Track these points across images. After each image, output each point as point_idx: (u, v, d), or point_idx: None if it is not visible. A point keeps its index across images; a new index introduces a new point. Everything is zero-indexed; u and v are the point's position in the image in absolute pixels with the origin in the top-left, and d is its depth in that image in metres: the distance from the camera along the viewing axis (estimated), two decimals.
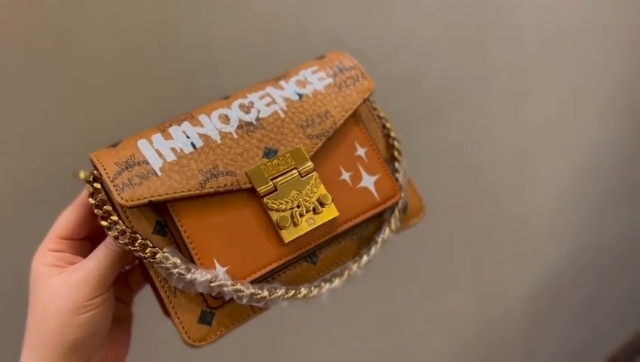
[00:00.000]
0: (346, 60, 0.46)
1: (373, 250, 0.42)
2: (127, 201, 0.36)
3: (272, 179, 0.39)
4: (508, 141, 0.81)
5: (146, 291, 0.47)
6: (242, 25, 0.54)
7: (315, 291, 0.40)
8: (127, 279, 0.47)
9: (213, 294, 0.37)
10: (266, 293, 0.38)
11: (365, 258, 0.42)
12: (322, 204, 0.40)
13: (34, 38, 0.44)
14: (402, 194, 0.44)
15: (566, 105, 0.91)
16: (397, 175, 0.45)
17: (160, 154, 0.39)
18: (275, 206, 0.39)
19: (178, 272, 0.36)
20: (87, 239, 0.42)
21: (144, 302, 0.48)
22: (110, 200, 0.39)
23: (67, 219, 0.41)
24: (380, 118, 0.47)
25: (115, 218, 0.38)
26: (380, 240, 0.43)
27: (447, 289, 0.85)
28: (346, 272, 0.41)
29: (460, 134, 0.73)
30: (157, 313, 0.46)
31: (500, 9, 0.73)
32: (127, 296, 0.46)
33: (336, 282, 0.41)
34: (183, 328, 0.38)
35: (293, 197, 0.40)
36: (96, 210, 0.38)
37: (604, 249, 1.20)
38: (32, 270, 0.40)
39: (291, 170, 0.40)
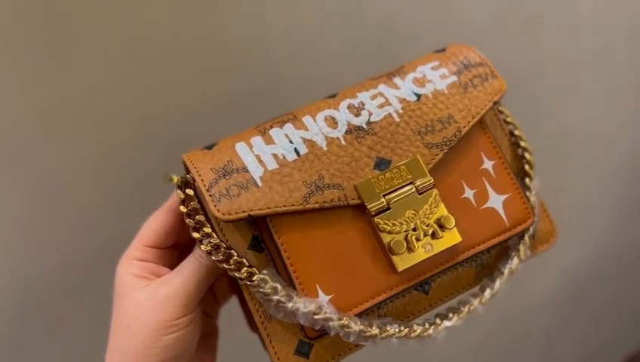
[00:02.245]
0: (472, 55, 0.39)
1: (497, 283, 0.36)
2: (224, 215, 0.32)
3: (384, 196, 0.34)
4: (548, 136, 0.76)
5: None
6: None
7: (430, 330, 0.34)
8: (212, 290, 0.43)
9: (316, 328, 0.32)
10: (376, 331, 0.32)
11: (488, 291, 0.36)
12: (442, 228, 0.34)
13: (113, 38, 0.41)
14: (535, 218, 0.37)
15: (611, 102, 0.86)
16: (528, 193, 0.38)
17: (260, 161, 0.34)
18: (388, 227, 0.33)
19: (278, 300, 0.32)
20: (174, 247, 0.39)
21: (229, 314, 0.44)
22: (203, 208, 0.35)
23: (154, 225, 0.37)
24: (506, 122, 0.41)
25: (208, 230, 0.34)
26: (506, 271, 0.36)
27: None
28: (466, 308, 0.35)
29: None
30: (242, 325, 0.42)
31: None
32: (212, 309, 0.43)
33: (455, 319, 0.35)
34: (279, 359, 0.34)
35: (408, 217, 0.34)
36: (187, 220, 0.34)
37: (629, 250, 1.17)
38: (116, 278, 0.36)
39: (407, 184, 0.34)
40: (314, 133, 0.35)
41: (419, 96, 0.37)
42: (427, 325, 0.34)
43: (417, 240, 0.34)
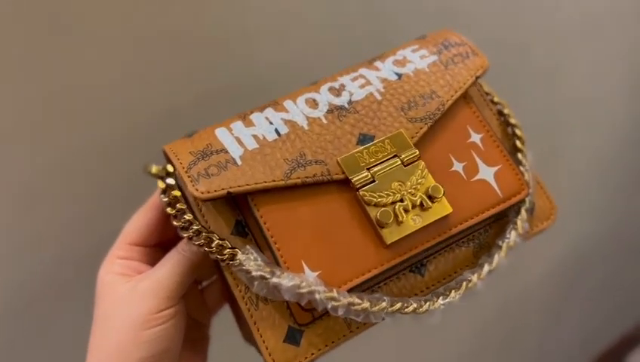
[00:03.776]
0: (452, 37, 0.39)
1: (496, 258, 0.34)
2: (202, 193, 0.31)
3: (368, 169, 0.33)
4: (536, 116, 0.75)
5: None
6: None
7: (426, 306, 0.32)
8: (204, 296, 0.41)
9: (303, 303, 0.30)
10: (366, 304, 0.30)
11: (487, 267, 0.34)
12: (432, 198, 0.33)
13: (102, 29, 0.41)
14: (530, 190, 0.36)
15: (597, 82, 0.86)
16: (522, 168, 0.37)
17: (240, 142, 0.33)
18: (374, 200, 0.32)
19: (261, 275, 0.30)
20: (159, 246, 0.38)
21: (222, 323, 0.42)
22: (185, 197, 0.34)
23: (137, 222, 0.36)
24: (494, 103, 0.40)
25: (189, 216, 0.33)
26: (504, 245, 0.35)
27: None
28: (464, 284, 0.33)
29: None
30: (237, 337, 0.40)
31: None
32: (203, 316, 0.41)
33: (452, 295, 0.33)
34: (267, 348, 0.32)
35: (395, 189, 0.33)
36: (168, 208, 0.33)
37: (627, 228, 1.19)
38: (97, 281, 0.35)
39: (392, 157, 0.33)
40: (294, 114, 0.35)
41: (400, 75, 0.37)
42: (423, 302, 0.32)
43: (406, 211, 0.32)
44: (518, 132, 0.38)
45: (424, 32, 0.41)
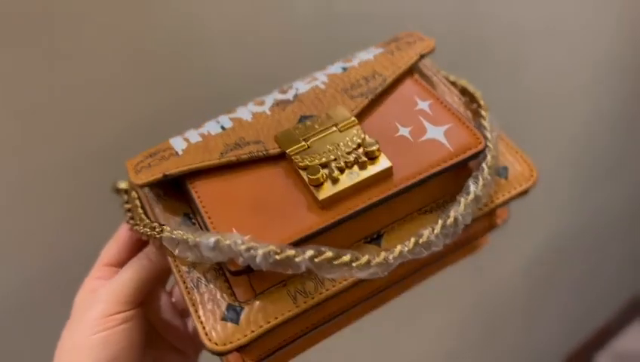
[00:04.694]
0: (402, 32, 0.40)
1: (452, 213, 0.30)
2: (141, 179, 0.32)
3: (304, 140, 0.32)
4: (501, 107, 0.69)
5: None
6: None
7: (364, 258, 0.28)
8: (188, 328, 0.40)
9: (223, 259, 0.28)
10: (310, 252, 0.28)
11: (440, 222, 0.30)
12: (369, 156, 0.31)
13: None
14: (489, 145, 0.33)
15: (563, 72, 0.87)
16: (485, 132, 0.34)
17: (186, 140, 0.35)
18: (306, 162, 0.31)
19: (184, 239, 0.29)
20: None
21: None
22: (143, 206, 0.35)
23: (112, 245, 0.38)
24: (450, 82, 0.39)
25: (141, 212, 0.34)
26: (462, 199, 0.31)
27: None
28: (426, 231, 0.30)
29: None
30: None
31: None
32: (188, 347, 0.39)
33: (411, 244, 0.29)
34: (204, 328, 0.29)
35: (328, 150, 0.32)
36: (126, 213, 0.35)
37: (603, 216, 1.23)
38: (73, 305, 0.36)
39: (329, 127, 0.33)
40: (242, 113, 0.36)
41: (346, 68, 0.38)
42: (361, 255, 0.29)
43: (341, 170, 0.31)
44: (477, 95, 0.36)
45: (387, 37, 0.42)
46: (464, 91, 0.38)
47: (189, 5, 0.44)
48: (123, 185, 0.37)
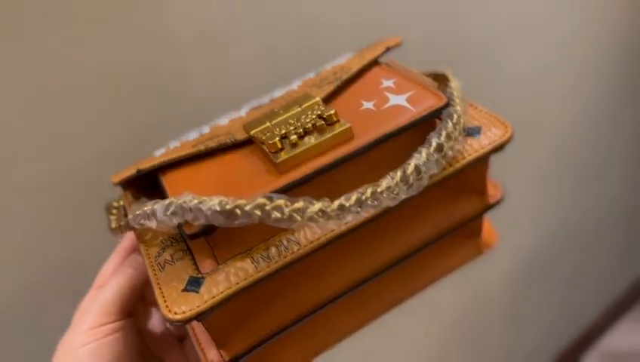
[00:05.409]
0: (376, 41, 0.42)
1: (413, 160, 0.29)
2: (117, 178, 0.34)
3: (269, 122, 0.33)
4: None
5: None
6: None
7: (317, 205, 0.27)
8: (185, 351, 0.38)
9: (179, 221, 0.28)
10: (240, 201, 0.27)
11: (399, 171, 0.29)
12: (328, 121, 0.31)
13: None
14: (452, 104, 0.32)
15: (548, 72, 0.88)
16: (448, 94, 0.34)
17: (166, 146, 0.37)
18: (268, 135, 0.31)
19: (144, 211, 0.29)
20: None
21: None
22: (126, 210, 0.36)
23: (106, 269, 0.38)
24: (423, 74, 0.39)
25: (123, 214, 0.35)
26: (424, 149, 0.29)
27: None
28: (370, 188, 0.28)
29: None
30: None
31: None
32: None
33: (355, 197, 0.28)
34: (165, 301, 0.28)
35: (288, 123, 0.32)
36: (113, 224, 0.36)
37: (589, 216, 1.23)
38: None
39: (293, 108, 0.34)
40: (220, 120, 0.38)
41: (318, 72, 0.39)
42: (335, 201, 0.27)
43: (300, 137, 0.31)
44: (446, 75, 0.36)
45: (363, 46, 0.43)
46: (436, 77, 0.38)
47: (163, 17, 0.46)
48: (116, 203, 0.39)
